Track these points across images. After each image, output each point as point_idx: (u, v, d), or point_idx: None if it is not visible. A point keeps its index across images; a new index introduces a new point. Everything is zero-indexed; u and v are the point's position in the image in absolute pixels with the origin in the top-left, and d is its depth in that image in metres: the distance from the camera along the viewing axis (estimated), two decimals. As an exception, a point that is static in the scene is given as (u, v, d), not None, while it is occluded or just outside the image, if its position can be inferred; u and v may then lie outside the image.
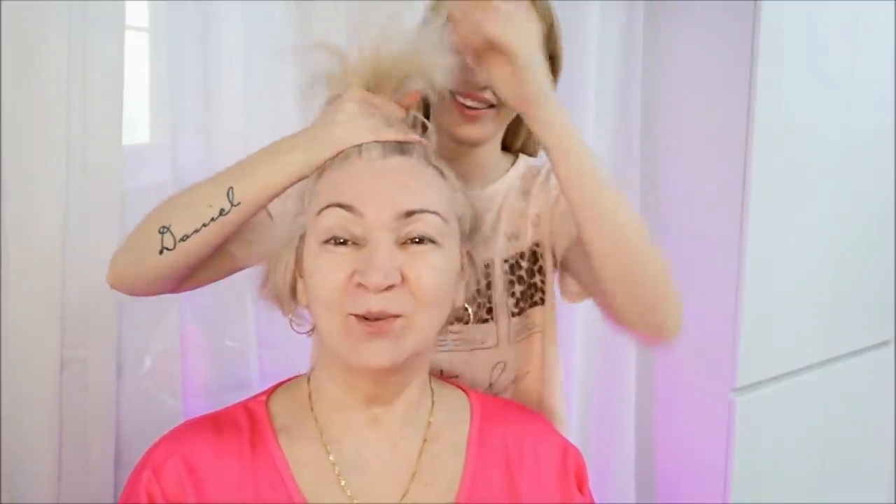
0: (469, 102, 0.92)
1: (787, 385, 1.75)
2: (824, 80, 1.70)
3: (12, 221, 1.05)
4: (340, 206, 0.72)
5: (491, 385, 1.02)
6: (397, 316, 0.70)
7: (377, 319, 0.70)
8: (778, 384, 1.74)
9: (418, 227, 0.72)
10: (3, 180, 1.03)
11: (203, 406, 1.19)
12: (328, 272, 0.71)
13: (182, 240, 0.78)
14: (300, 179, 0.78)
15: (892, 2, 1.78)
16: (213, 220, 0.77)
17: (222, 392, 1.23)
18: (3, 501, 1.08)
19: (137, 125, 1.19)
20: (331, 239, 0.72)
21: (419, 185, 0.75)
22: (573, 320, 1.62)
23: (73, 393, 1.12)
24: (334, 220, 0.72)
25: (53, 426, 1.10)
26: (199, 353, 1.24)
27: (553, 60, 0.99)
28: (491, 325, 1.00)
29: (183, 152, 1.20)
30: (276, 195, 0.78)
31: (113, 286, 0.86)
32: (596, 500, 0.87)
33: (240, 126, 1.23)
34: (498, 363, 1.02)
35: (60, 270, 1.09)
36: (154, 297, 1.20)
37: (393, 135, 0.77)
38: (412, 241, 0.72)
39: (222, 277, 0.90)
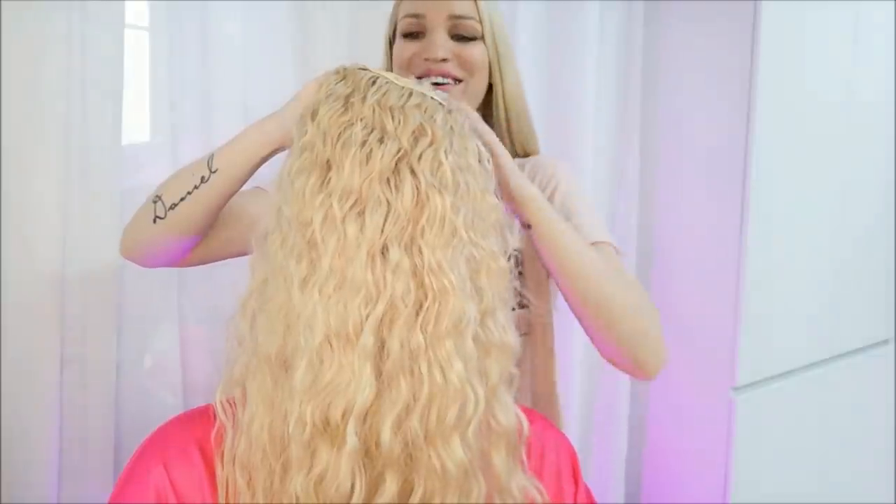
0: (435, 79, 0.97)
1: (787, 383, 1.75)
2: (824, 80, 1.70)
3: (12, 221, 1.05)
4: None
5: None
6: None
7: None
8: (778, 383, 1.74)
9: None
10: (4, 179, 1.03)
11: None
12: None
13: (171, 208, 0.84)
14: (273, 150, 0.82)
15: (893, 2, 1.78)
16: (195, 187, 0.83)
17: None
18: (3, 501, 1.07)
19: (137, 125, 1.19)
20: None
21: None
22: (573, 320, 1.62)
23: (73, 393, 1.12)
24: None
25: (53, 426, 1.10)
26: (199, 352, 1.24)
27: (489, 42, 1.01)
28: None
29: (183, 152, 1.19)
30: (253, 164, 0.83)
31: (125, 258, 0.92)
32: (596, 499, 0.87)
33: (239, 126, 1.23)
34: None
35: (60, 270, 1.08)
36: (154, 297, 1.22)
37: None
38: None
39: (225, 257, 0.93)
